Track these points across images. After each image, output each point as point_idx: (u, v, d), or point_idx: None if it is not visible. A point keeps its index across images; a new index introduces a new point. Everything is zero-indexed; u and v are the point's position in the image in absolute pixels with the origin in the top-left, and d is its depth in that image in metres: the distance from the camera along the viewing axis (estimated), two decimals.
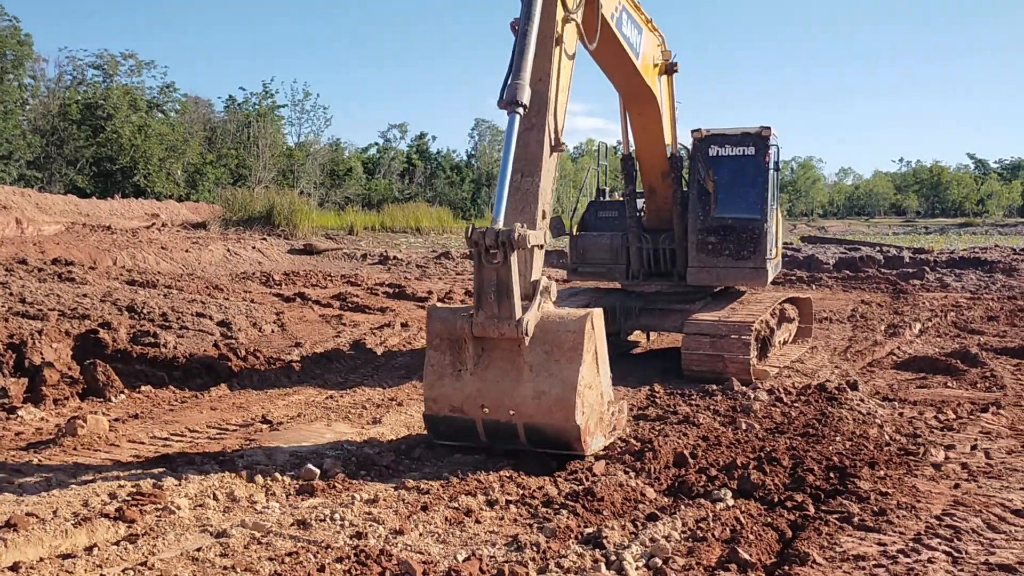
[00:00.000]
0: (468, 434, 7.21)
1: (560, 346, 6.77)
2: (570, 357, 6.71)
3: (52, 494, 6.11)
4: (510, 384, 6.85)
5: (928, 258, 29.28)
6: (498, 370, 6.91)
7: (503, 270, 6.63)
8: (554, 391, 6.70)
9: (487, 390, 6.94)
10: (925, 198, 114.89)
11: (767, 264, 11.63)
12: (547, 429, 6.79)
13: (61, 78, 46.48)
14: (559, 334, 6.81)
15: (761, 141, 11.50)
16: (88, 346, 11.16)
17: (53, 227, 27.54)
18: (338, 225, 41.05)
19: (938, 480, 6.67)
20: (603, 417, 7.25)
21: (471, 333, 6.87)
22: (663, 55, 11.43)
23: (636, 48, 10.27)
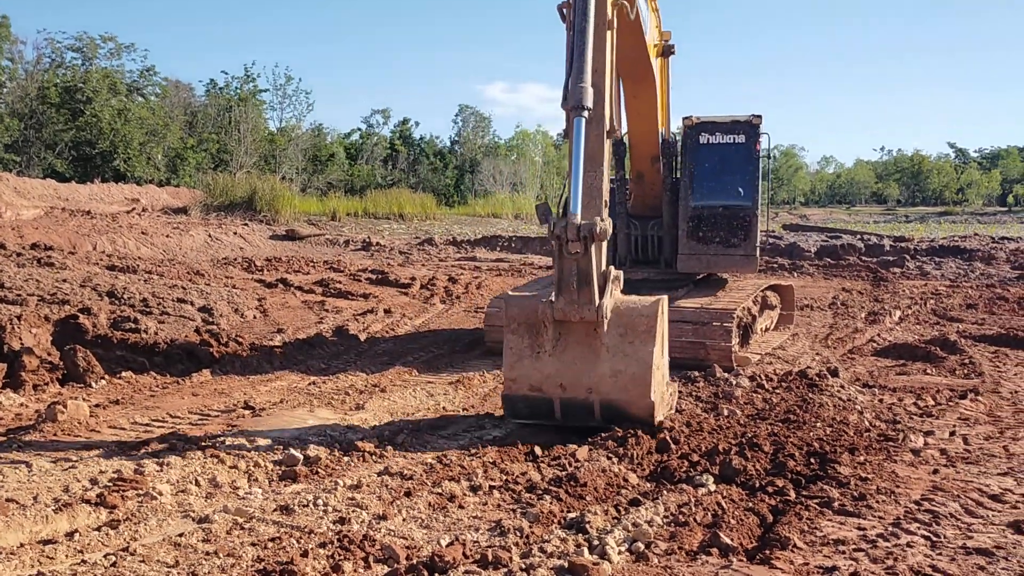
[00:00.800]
0: (545, 412, 7.54)
1: (635, 329, 7.27)
2: (644, 339, 7.23)
3: (32, 480, 6.06)
4: (588, 364, 7.30)
5: (908, 246, 29.51)
6: (576, 352, 7.34)
7: (583, 261, 7.11)
8: (630, 370, 7.19)
9: (565, 370, 7.36)
10: (906, 187, 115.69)
11: (757, 251, 11.68)
12: (623, 405, 7.25)
13: (40, 61, 45.89)
14: (634, 318, 7.31)
15: (752, 129, 11.53)
16: (68, 332, 11.07)
17: (32, 212, 27.25)
18: (320, 211, 40.87)
19: (917, 466, 6.75)
20: (664, 396, 7.67)
21: (551, 318, 7.31)
22: (660, 36, 11.41)
23: (646, 24, 10.34)
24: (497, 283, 19.85)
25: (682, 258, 11.92)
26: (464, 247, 29.84)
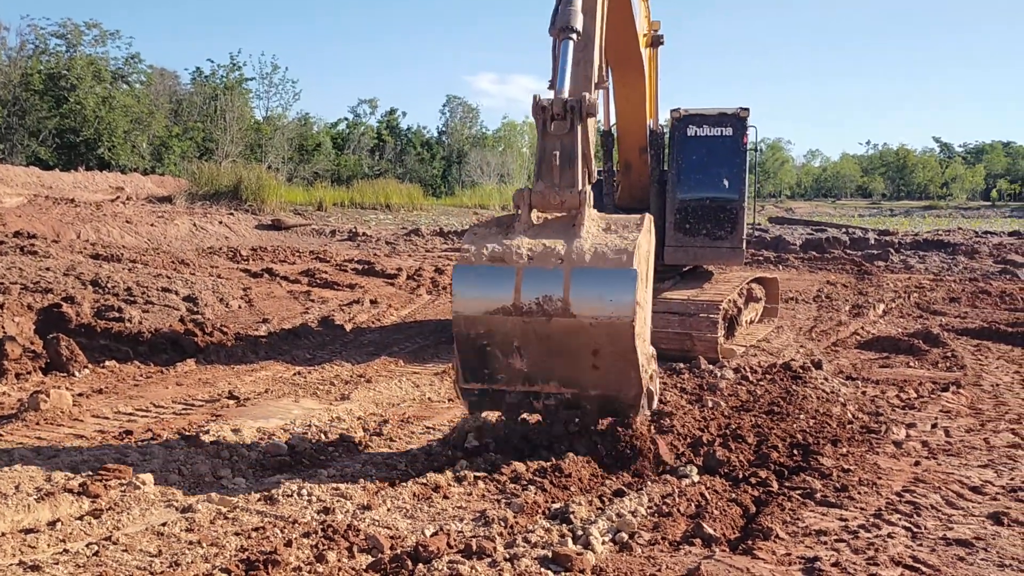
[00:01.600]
0: (502, 284, 6.16)
1: (621, 223, 6.30)
2: (630, 228, 6.21)
3: (14, 469, 6.02)
4: (564, 242, 6.16)
5: (893, 240, 29.69)
6: (551, 233, 6.30)
7: (568, 139, 6.36)
8: (614, 243, 6.07)
9: (536, 245, 6.19)
10: (891, 181, 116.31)
11: (743, 244, 11.70)
12: (600, 274, 5.97)
13: (23, 47, 45.37)
14: (619, 219, 6.41)
15: (739, 122, 11.55)
16: (51, 320, 11.00)
17: (15, 199, 27.01)
18: (307, 201, 40.70)
19: (899, 457, 6.80)
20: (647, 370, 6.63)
21: (528, 201, 6.40)
22: (650, 25, 11.41)
23: (636, 10, 10.37)
24: None
25: (669, 250, 11.94)
26: (451, 238, 29.80)
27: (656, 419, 7.75)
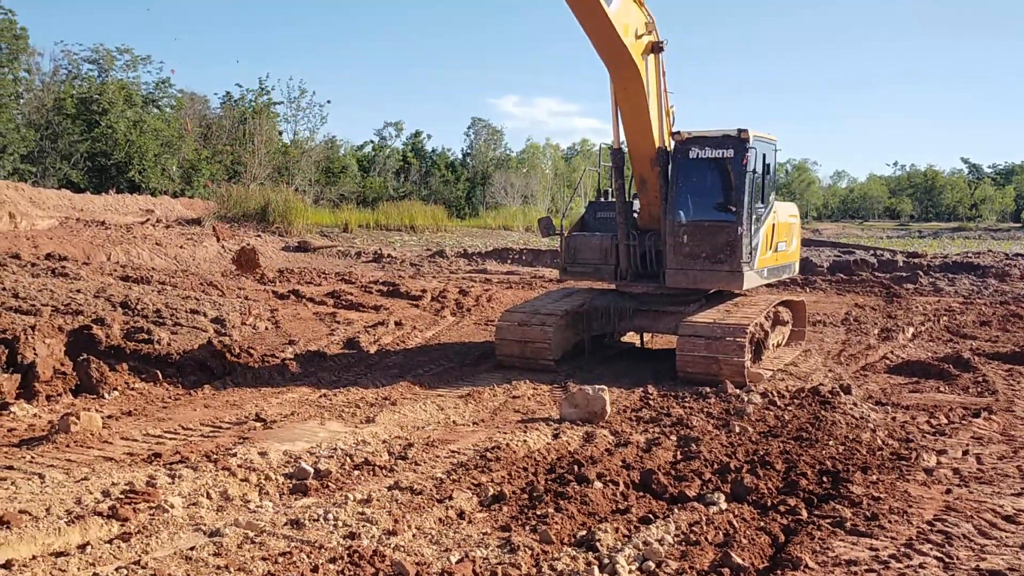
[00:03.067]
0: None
1: None
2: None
3: (45, 491, 6.09)
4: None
5: (922, 262, 29.35)
6: None
7: None
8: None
9: None
10: (919, 202, 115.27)
11: (743, 267, 11.50)
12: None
13: (56, 72, 46.22)
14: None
15: (740, 144, 11.50)
16: (81, 342, 11.13)
17: (47, 222, 27.43)
18: (333, 222, 41.00)
19: (930, 485, 6.70)
20: None
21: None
22: (647, 29, 11.43)
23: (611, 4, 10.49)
24: (508, 296, 19.86)
25: (670, 273, 11.92)
26: (475, 259, 29.87)
27: (683, 445, 7.71)
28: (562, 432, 8.28)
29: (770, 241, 12.40)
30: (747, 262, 11.55)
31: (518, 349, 11.80)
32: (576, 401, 8.89)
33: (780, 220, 12.81)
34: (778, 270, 13.04)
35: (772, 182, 12.50)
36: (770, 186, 12.38)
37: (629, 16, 11.06)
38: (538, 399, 10.05)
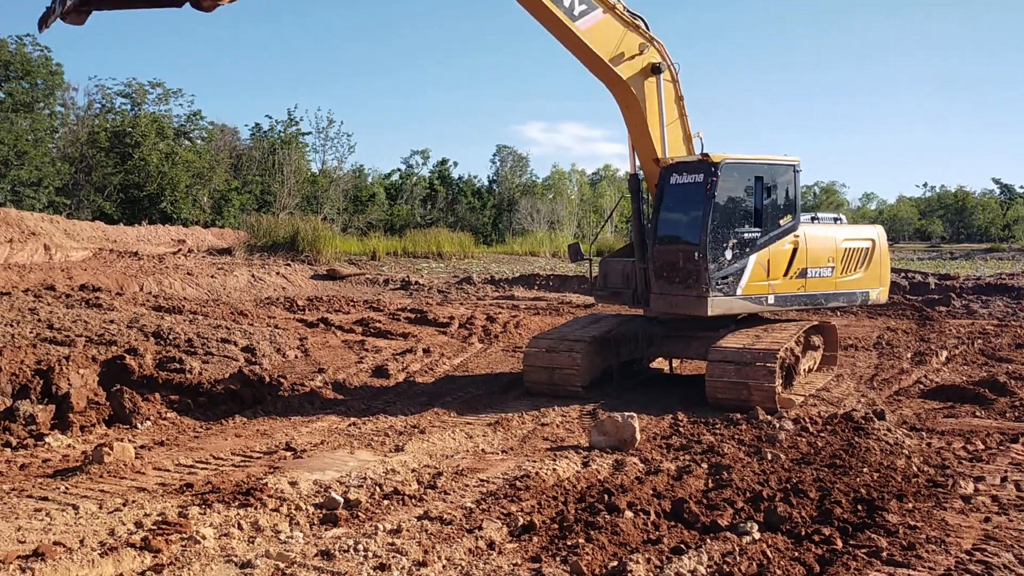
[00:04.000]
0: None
1: None
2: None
3: (79, 523, 6.16)
4: None
5: (954, 284, 28.96)
6: None
7: None
8: None
9: None
10: (950, 223, 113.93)
11: (708, 292, 11.38)
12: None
13: (90, 106, 47.30)
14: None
15: (708, 168, 11.51)
16: (115, 372, 11.27)
17: (81, 253, 27.90)
18: (361, 250, 41.30)
19: (968, 513, 6.57)
20: None
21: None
22: (642, 54, 11.53)
23: (571, 13, 10.89)
24: (535, 322, 19.85)
25: (653, 298, 11.95)
26: (502, 286, 29.92)
27: (714, 472, 7.64)
28: (592, 460, 8.23)
29: (785, 267, 11.95)
30: (715, 287, 11.42)
31: (546, 376, 11.78)
32: (605, 428, 8.85)
33: (815, 244, 12.26)
34: (805, 298, 12.34)
35: (788, 205, 12.04)
36: (782, 209, 11.98)
37: (610, 35, 11.34)
38: (567, 426, 10.01)
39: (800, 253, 12.06)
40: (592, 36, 11.24)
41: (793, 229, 12.04)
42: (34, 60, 39.33)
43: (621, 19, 11.53)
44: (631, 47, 11.52)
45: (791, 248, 12.00)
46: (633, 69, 11.55)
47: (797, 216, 12.10)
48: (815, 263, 12.26)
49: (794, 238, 12.03)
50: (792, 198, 12.10)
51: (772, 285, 11.89)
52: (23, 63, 38.64)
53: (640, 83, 11.61)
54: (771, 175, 11.89)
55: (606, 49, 11.44)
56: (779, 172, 12.02)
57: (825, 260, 12.40)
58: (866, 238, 13.08)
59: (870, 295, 13.00)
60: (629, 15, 11.65)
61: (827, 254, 12.42)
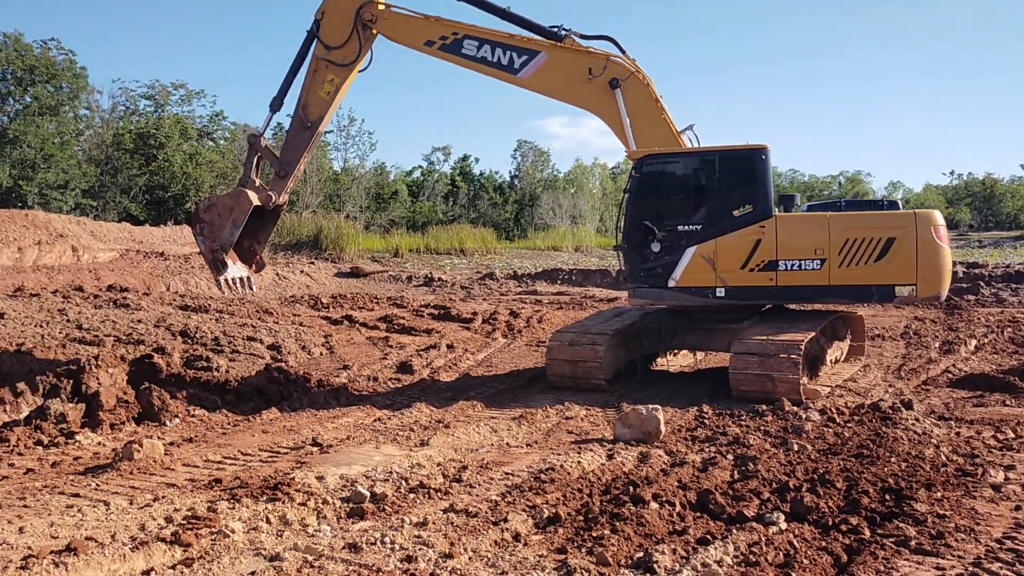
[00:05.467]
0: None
1: None
2: None
3: (110, 518, 6.24)
4: None
5: (983, 272, 28.64)
6: None
7: None
8: None
9: None
10: (978, 211, 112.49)
11: (631, 282, 11.85)
12: None
13: (115, 109, 47.74)
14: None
15: (636, 164, 11.70)
16: (143, 371, 11.41)
17: (108, 254, 28.22)
18: (384, 248, 41.48)
19: (998, 502, 6.51)
20: None
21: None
22: (598, 76, 11.65)
23: (512, 68, 11.68)
24: (558, 317, 19.85)
25: (629, 289, 12.15)
26: (525, 281, 29.94)
27: (740, 464, 7.61)
28: (616, 453, 8.23)
29: (743, 259, 11.40)
30: (639, 279, 11.76)
31: (569, 369, 11.78)
32: (630, 421, 8.84)
33: (790, 235, 11.32)
34: (775, 292, 11.49)
35: (748, 195, 11.53)
36: (737, 199, 11.64)
37: (557, 71, 11.74)
38: (591, 420, 10.01)
39: (765, 244, 11.34)
40: (537, 81, 11.80)
41: (757, 219, 11.41)
42: (59, 64, 39.78)
43: (568, 50, 11.81)
44: (581, 73, 11.73)
45: (753, 239, 11.39)
46: (588, 91, 11.80)
47: (764, 205, 11.41)
48: (789, 254, 11.33)
49: (758, 228, 11.37)
50: (756, 186, 11.47)
51: (722, 278, 11.45)
52: (48, 67, 39.09)
53: (599, 99, 11.79)
54: (718, 166, 11.54)
55: (555, 86, 12.01)
56: (729, 162, 11.55)
57: (807, 251, 11.30)
58: (890, 226, 11.28)
59: (896, 291, 11.25)
60: (579, 43, 11.91)
61: (811, 245, 11.28)
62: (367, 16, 12.20)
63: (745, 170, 11.55)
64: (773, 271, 11.37)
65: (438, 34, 12.08)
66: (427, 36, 12.16)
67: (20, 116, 38.21)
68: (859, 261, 11.22)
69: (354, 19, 12.17)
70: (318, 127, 12.60)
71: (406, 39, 12.44)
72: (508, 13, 12.16)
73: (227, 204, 11.35)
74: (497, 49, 11.82)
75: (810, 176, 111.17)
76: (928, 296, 11.35)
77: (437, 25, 12.15)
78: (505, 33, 12.03)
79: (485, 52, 11.83)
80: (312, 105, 12.45)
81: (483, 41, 11.89)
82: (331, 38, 12.28)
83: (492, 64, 11.86)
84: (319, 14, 12.35)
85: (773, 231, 11.35)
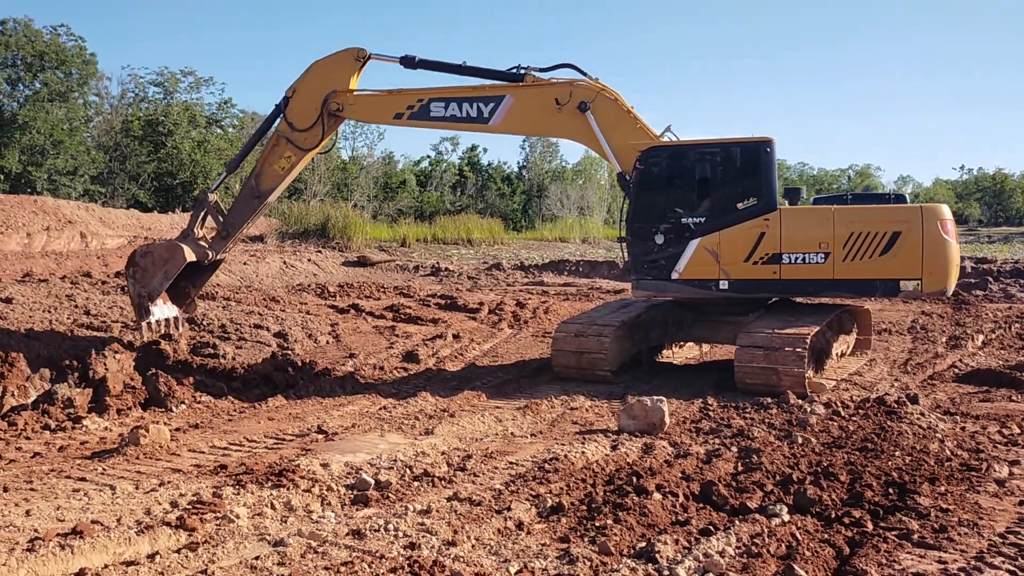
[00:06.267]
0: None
1: None
2: None
3: (116, 502, 6.29)
4: None
5: (991, 268, 28.51)
6: None
7: None
8: None
9: None
10: (988, 206, 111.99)
11: (633, 274, 11.96)
12: None
13: (124, 95, 47.76)
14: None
15: (640, 158, 11.70)
16: (150, 357, 11.47)
17: (116, 241, 28.29)
18: (391, 237, 41.45)
19: (1002, 496, 6.51)
20: None
21: None
22: (565, 104, 11.70)
23: (481, 119, 11.88)
24: (565, 307, 19.85)
25: (632, 282, 12.19)
26: (532, 272, 29.92)
27: (744, 456, 7.62)
28: (620, 444, 8.24)
29: (747, 253, 11.34)
30: (642, 271, 11.82)
31: (575, 360, 11.79)
32: (634, 412, 8.85)
33: (794, 229, 11.25)
34: (780, 285, 11.44)
35: (753, 187, 11.43)
36: (742, 192, 11.49)
37: (525, 110, 11.89)
38: (596, 411, 10.03)
39: (769, 237, 11.28)
40: (509, 124, 11.98)
41: (761, 212, 11.34)
42: (69, 50, 39.79)
43: (531, 87, 11.87)
44: (549, 105, 11.81)
45: (757, 232, 11.34)
46: (561, 121, 11.89)
47: (768, 198, 11.35)
48: (793, 248, 11.25)
49: (763, 221, 11.31)
50: (760, 179, 11.42)
51: (726, 270, 11.43)
52: (58, 53, 39.11)
53: (573, 125, 11.87)
54: (723, 158, 11.51)
55: (528, 124, 12.45)
56: (734, 155, 11.50)
57: (811, 245, 11.21)
58: (896, 220, 11.15)
59: (901, 285, 11.10)
60: (540, 77, 11.99)
61: (815, 238, 11.20)
62: (334, 106, 12.31)
63: (750, 163, 11.50)
64: (777, 264, 11.33)
65: (404, 104, 12.25)
66: (394, 110, 12.35)
67: (30, 102, 38.25)
68: (864, 255, 11.12)
69: (321, 106, 12.24)
70: (267, 198, 12.71)
71: (375, 118, 12.92)
72: (464, 68, 12.22)
73: (163, 255, 11.49)
74: (464, 104, 11.99)
75: (819, 169, 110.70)
76: (933, 291, 11.27)
77: (401, 97, 12.31)
78: (467, 87, 12.18)
79: (453, 110, 12.03)
80: (266, 176, 12.57)
81: (448, 100, 12.06)
82: (297, 119, 12.38)
83: (462, 119, 12.06)
84: (290, 91, 12.42)
85: (777, 224, 11.30)
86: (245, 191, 12.74)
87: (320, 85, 12.30)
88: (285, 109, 12.42)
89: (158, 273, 11.34)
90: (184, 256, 11.54)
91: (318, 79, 12.35)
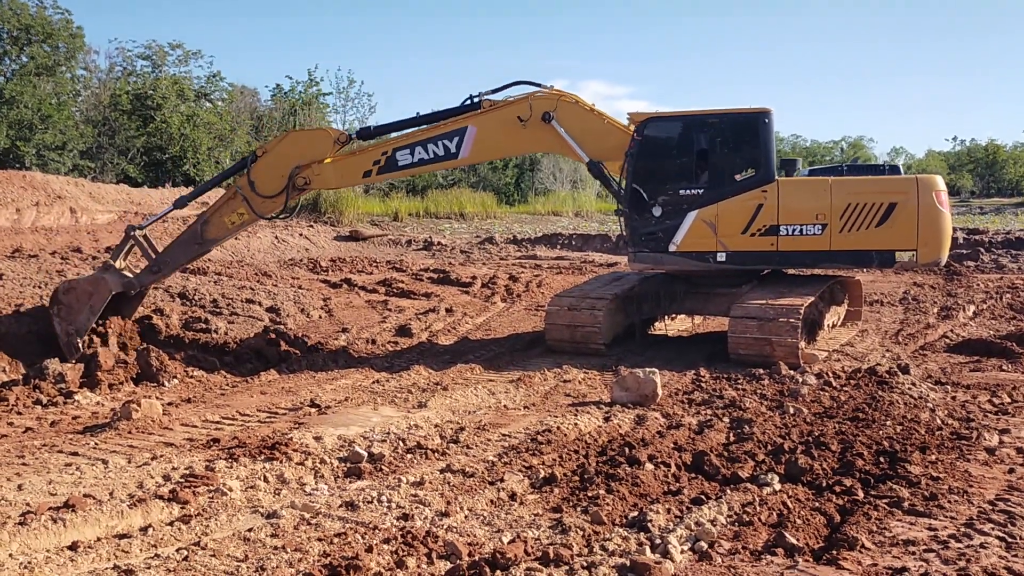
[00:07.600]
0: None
1: None
2: None
3: (109, 476, 6.29)
4: None
5: (983, 239, 28.56)
6: None
7: None
8: None
9: None
10: (980, 177, 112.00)
11: (630, 246, 11.87)
12: None
13: (112, 69, 47.31)
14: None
15: (637, 128, 11.56)
16: (142, 332, 11.43)
17: (106, 216, 28.13)
18: (383, 211, 41.30)
19: (992, 465, 6.55)
20: None
21: None
22: (527, 119, 11.55)
23: (451, 154, 11.64)
24: (557, 281, 19.84)
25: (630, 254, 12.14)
26: (524, 245, 29.87)
27: (736, 426, 7.65)
28: (613, 415, 8.27)
29: (744, 224, 11.32)
30: (640, 243, 11.74)
31: (568, 333, 11.79)
32: (627, 384, 8.86)
33: (791, 200, 11.22)
34: (778, 257, 11.47)
35: (751, 159, 11.48)
36: (740, 164, 11.60)
37: (490, 133, 11.68)
38: (589, 383, 10.04)
39: (767, 209, 11.24)
40: (479, 152, 11.87)
41: (759, 183, 11.29)
42: (55, 23, 39.33)
43: (490, 111, 11.66)
44: (513, 124, 11.61)
45: (755, 204, 11.29)
46: (528, 136, 11.71)
47: (766, 169, 11.29)
48: (790, 219, 11.23)
49: (760, 193, 11.26)
50: (758, 151, 11.37)
51: (723, 242, 11.40)
52: (44, 26, 38.65)
53: (542, 138, 11.74)
54: (720, 130, 11.47)
55: (497, 148, 12.40)
56: (732, 126, 11.47)
57: (809, 216, 11.20)
58: (892, 191, 11.20)
59: (896, 256, 11.20)
60: (495, 99, 11.81)
61: (812, 210, 11.19)
62: (300, 181, 11.69)
63: (748, 134, 11.44)
64: (774, 236, 11.31)
65: (370, 161, 11.84)
66: (362, 169, 11.91)
67: (16, 76, 37.86)
68: (860, 226, 11.13)
69: (288, 179, 11.58)
70: (208, 248, 12.21)
71: (344, 181, 12.48)
72: (418, 118, 12.00)
73: (87, 290, 11.06)
74: (429, 145, 11.72)
75: (812, 141, 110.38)
76: (928, 262, 11.32)
77: (365, 156, 11.93)
78: (426, 129, 11.91)
79: (420, 154, 11.75)
80: (213, 226, 11.83)
81: (412, 146, 11.77)
82: (261, 184, 11.63)
83: (431, 160, 11.84)
84: (260, 151, 11.91)
85: (775, 196, 11.26)
86: (187, 234, 12.01)
87: (291, 155, 11.66)
88: (251, 166, 11.74)
89: (84, 309, 10.93)
90: (108, 288, 11.05)
91: (292, 148, 11.74)
